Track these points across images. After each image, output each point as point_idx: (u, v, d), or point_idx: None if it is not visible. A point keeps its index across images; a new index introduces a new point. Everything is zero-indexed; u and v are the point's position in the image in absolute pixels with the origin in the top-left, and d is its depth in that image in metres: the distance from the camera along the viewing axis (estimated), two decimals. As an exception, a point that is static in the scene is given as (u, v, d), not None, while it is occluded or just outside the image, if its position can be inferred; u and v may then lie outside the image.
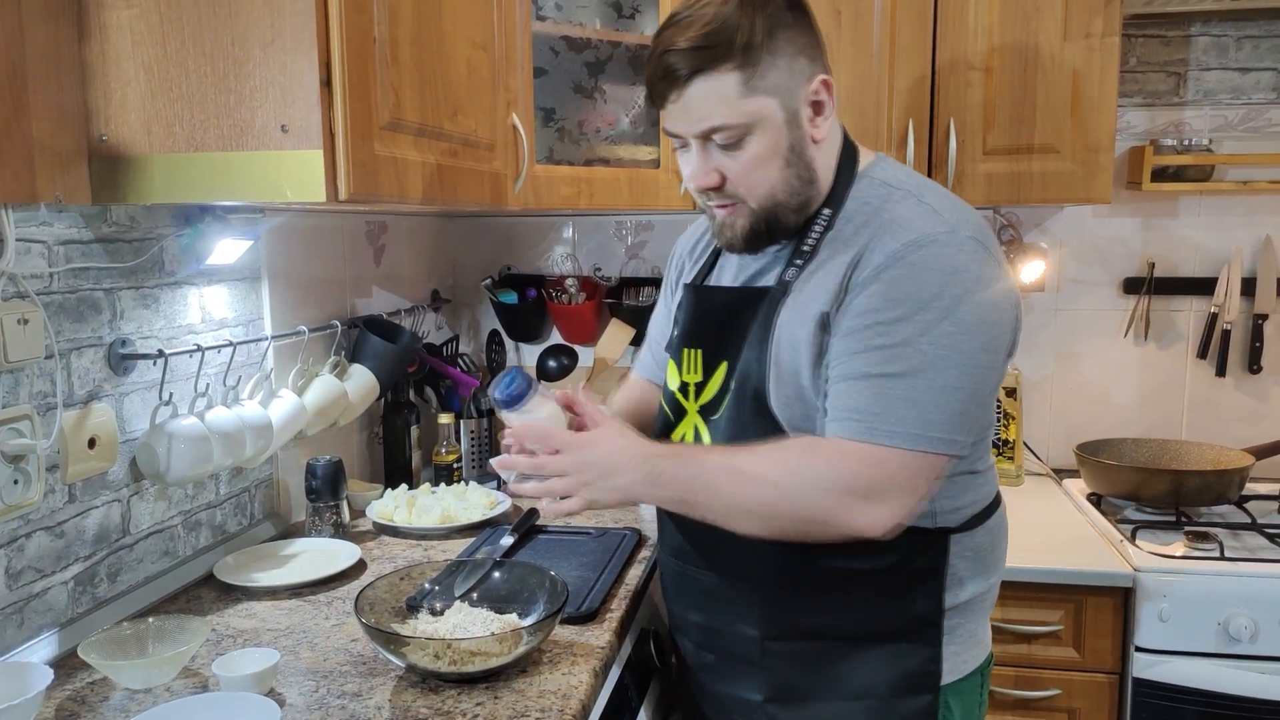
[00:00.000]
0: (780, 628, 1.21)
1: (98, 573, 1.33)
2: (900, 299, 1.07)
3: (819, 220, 1.17)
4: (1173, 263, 2.24)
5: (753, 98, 1.10)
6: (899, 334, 1.06)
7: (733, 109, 1.10)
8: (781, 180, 1.15)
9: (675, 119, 1.15)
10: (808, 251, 1.17)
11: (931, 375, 1.06)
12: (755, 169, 1.13)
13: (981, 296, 1.08)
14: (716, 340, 1.23)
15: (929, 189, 1.17)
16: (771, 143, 1.13)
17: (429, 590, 1.31)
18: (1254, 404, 2.24)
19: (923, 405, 1.06)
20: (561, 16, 1.91)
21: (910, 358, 1.06)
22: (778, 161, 1.14)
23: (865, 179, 1.19)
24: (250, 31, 1.14)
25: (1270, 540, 1.81)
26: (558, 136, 1.95)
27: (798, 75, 1.12)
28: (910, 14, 1.90)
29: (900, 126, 1.92)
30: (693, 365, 1.26)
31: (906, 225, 1.10)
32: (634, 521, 1.78)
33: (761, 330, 1.17)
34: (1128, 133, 2.20)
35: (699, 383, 1.25)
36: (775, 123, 1.12)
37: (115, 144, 1.18)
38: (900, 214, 1.13)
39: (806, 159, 1.15)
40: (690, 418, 1.26)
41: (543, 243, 2.47)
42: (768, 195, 1.15)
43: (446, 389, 2.21)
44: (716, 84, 1.10)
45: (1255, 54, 2.16)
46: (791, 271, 1.17)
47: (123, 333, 1.35)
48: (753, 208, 1.16)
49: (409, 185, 1.30)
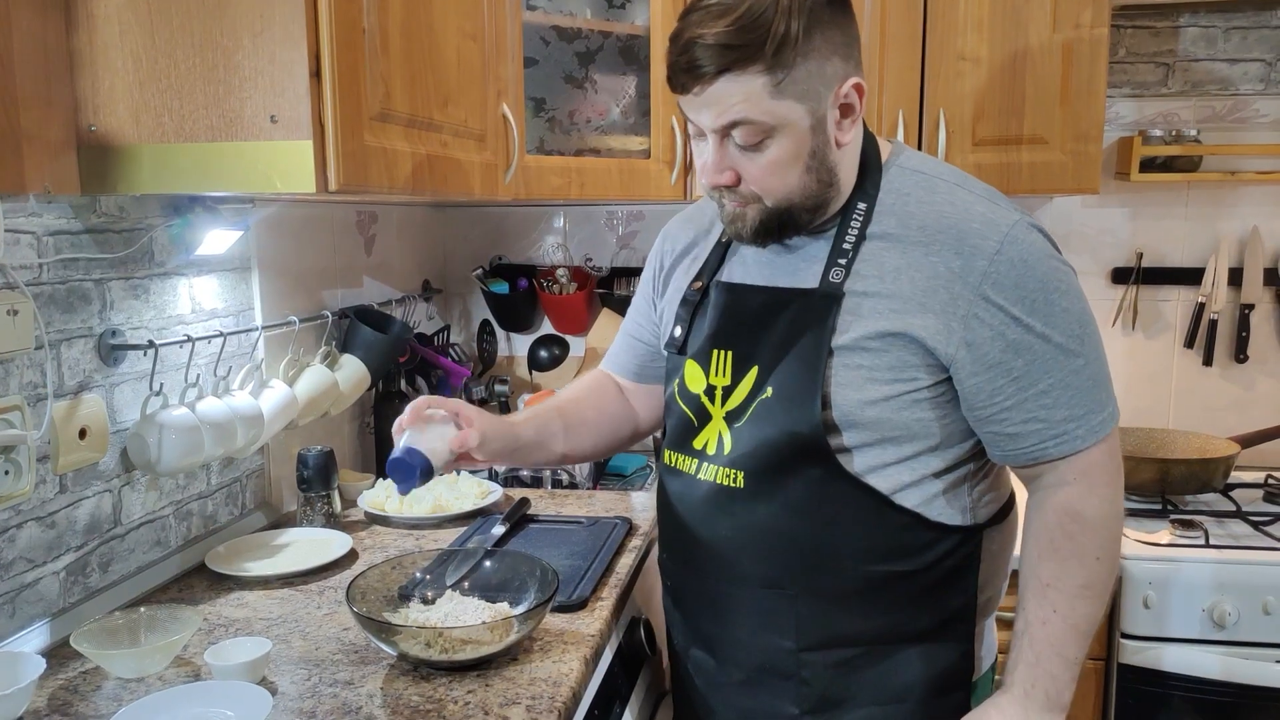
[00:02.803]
0: (817, 637, 1.16)
1: (89, 563, 1.33)
2: (1030, 302, 1.07)
3: (855, 214, 1.13)
4: (1161, 253, 2.26)
5: (780, 101, 1.04)
6: (1053, 333, 1.08)
7: (757, 108, 1.04)
8: (799, 184, 1.10)
9: (695, 110, 1.08)
10: (849, 252, 1.12)
11: (1088, 354, 1.10)
12: (773, 173, 1.08)
13: (1068, 268, 1.13)
14: (750, 343, 1.17)
15: (966, 177, 1.16)
16: (794, 147, 1.07)
17: (420, 579, 1.32)
18: (1240, 393, 2.26)
19: (1101, 383, 1.11)
20: (552, 6, 1.90)
21: (1071, 349, 1.08)
22: (798, 166, 1.09)
23: (894, 168, 1.16)
24: (239, 22, 1.13)
25: (1254, 528, 1.83)
26: (548, 126, 1.94)
27: (829, 78, 1.06)
28: (900, 4, 1.90)
29: (891, 116, 1.93)
30: (722, 368, 1.19)
31: (982, 227, 1.09)
32: (625, 511, 1.79)
33: (813, 338, 1.11)
34: (1116, 123, 2.21)
35: (726, 386, 1.19)
36: (800, 128, 1.06)
37: (104, 134, 1.18)
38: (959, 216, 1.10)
39: (829, 164, 1.10)
40: (715, 423, 1.19)
41: (534, 233, 2.47)
42: (784, 198, 1.10)
43: (438, 379, 2.21)
44: (743, 84, 1.03)
45: (1243, 45, 2.17)
46: (836, 272, 1.12)
47: (113, 323, 1.35)
48: (767, 205, 1.11)
49: (399, 176, 1.30)
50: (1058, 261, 1.10)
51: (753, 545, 1.16)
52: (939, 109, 1.91)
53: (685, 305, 1.27)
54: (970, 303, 1.07)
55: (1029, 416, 1.09)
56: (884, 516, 1.13)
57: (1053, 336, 1.07)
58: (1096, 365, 1.11)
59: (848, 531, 1.13)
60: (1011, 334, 1.07)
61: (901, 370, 1.09)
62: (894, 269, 1.10)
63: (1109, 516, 1.12)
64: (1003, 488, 1.23)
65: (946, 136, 1.91)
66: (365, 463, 2.09)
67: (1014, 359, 1.08)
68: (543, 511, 1.78)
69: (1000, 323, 1.07)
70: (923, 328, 1.08)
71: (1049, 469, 1.12)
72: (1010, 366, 1.08)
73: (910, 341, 1.08)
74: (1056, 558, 1.12)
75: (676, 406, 1.25)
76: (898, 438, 1.11)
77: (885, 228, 1.12)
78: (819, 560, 1.14)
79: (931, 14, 1.90)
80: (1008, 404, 1.09)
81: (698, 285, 1.27)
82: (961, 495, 1.16)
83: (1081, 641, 1.13)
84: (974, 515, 1.17)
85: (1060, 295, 1.08)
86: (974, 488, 1.17)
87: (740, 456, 1.16)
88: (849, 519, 1.13)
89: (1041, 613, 1.12)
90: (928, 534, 1.14)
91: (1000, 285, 1.07)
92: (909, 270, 1.10)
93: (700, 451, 1.20)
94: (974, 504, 1.17)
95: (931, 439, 1.13)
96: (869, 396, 1.10)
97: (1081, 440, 1.09)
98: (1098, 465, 1.11)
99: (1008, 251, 1.07)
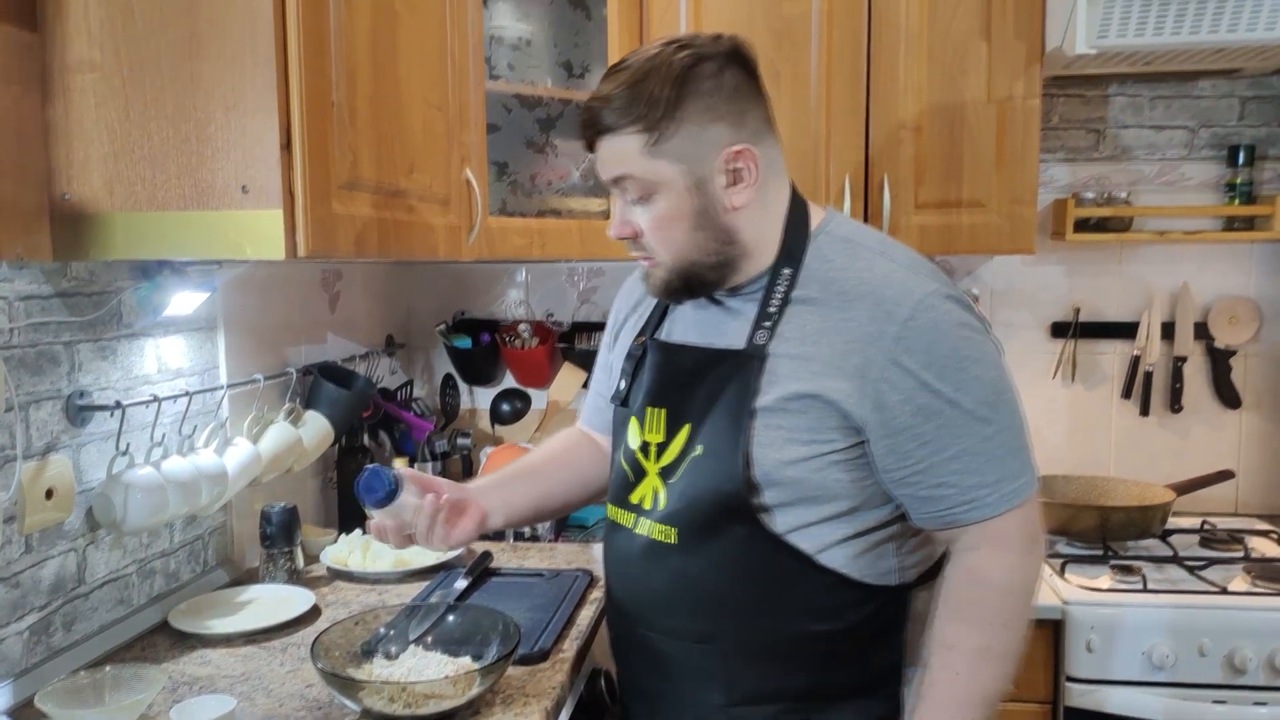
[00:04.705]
0: (746, 693, 1.19)
1: (53, 622, 1.34)
2: (940, 368, 1.10)
3: (781, 279, 1.18)
4: (1097, 308, 2.36)
5: (657, 160, 1.12)
6: (963, 399, 1.10)
7: (637, 165, 1.14)
8: (690, 242, 1.16)
9: (598, 165, 1.19)
10: (774, 315, 1.17)
11: (1001, 422, 1.13)
12: (660, 228, 1.16)
13: (985, 339, 1.16)
14: (682, 401, 1.22)
15: (891, 245, 1.22)
16: (676, 205, 1.14)
17: (384, 634, 1.34)
18: (1176, 441, 2.36)
19: (1015, 451, 1.14)
20: (514, 76, 1.98)
21: (982, 415, 1.11)
22: (683, 224, 1.15)
23: (823, 234, 1.20)
24: (213, 95, 1.18)
25: (1190, 573, 1.91)
26: (510, 190, 2.01)
27: (711, 142, 1.13)
28: (845, 75, 2.00)
29: (838, 181, 2.02)
30: (656, 425, 1.24)
31: (898, 293, 1.12)
32: (586, 563, 1.82)
33: (737, 397, 1.16)
34: (1051, 186, 2.33)
35: (661, 443, 1.23)
36: (678, 187, 1.13)
37: (77, 202, 1.21)
38: (877, 282, 1.14)
39: (722, 225, 1.16)
40: (650, 479, 1.23)
41: (496, 288, 2.52)
42: (678, 254, 1.17)
43: (400, 433, 2.24)
44: (623, 142, 1.13)
45: (1168, 113, 2.31)
46: (761, 334, 1.17)
47: (81, 384, 1.37)
48: (667, 264, 1.18)
49: (366, 240, 1.35)
50: (971, 331, 1.14)
51: (685, 600, 1.19)
52: (883, 174, 2.00)
53: (629, 359, 1.32)
54: (882, 367, 1.10)
55: (940, 481, 1.12)
56: (808, 576, 1.16)
57: (963, 403, 1.10)
58: (1011, 434, 1.13)
59: (773, 590, 1.16)
60: (921, 399, 1.10)
61: (819, 432, 1.13)
62: (815, 332, 1.15)
63: (1016, 584, 1.14)
64: (936, 547, 1.24)
65: (891, 199, 2.00)
66: (328, 518, 2.11)
67: (923, 424, 1.10)
68: (505, 564, 1.81)
69: (910, 387, 1.10)
70: (837, 390, 1.12)
71: (960, 533, 1.15)
72: (920, 431, 1.11)
73: (826, 404, 1.12)
74: (959, 618, 1.14)
75: (617, 461, 1.30)
76: (817, 498, 1.15)
77: (809, 292, 1.17)
78: (746, 617, 1.17)
79: (874, 84, 2.00)
80: (919, 468, 1.12)
81: (640, 340, 1.32)
82: (887, 556, 1.19)
83: (981, 707, 1.13)
84: (901, 576, 1.20)
85: (972, 363, 1.11)
86: (900, 548, 1.20)
87: (673, 513, 1.19)
88: (774, 578, 1.16)
89: (944, 674, 1.14)
90: (852, 593, 1.17)
91: (911, 350, 1.10)
92: (828, 334, 1.14)
93: (637, 506, 1.24)
94: (901, 565, 1.20)
95: (850, 500, 1.16)
96: (788, 456, 1.13)
97: (992, 507, 1.12)
98: (1008, 532, 1.13)
99: (920, 318, 1.10)
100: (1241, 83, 2.27)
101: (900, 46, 1.99)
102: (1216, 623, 1.76)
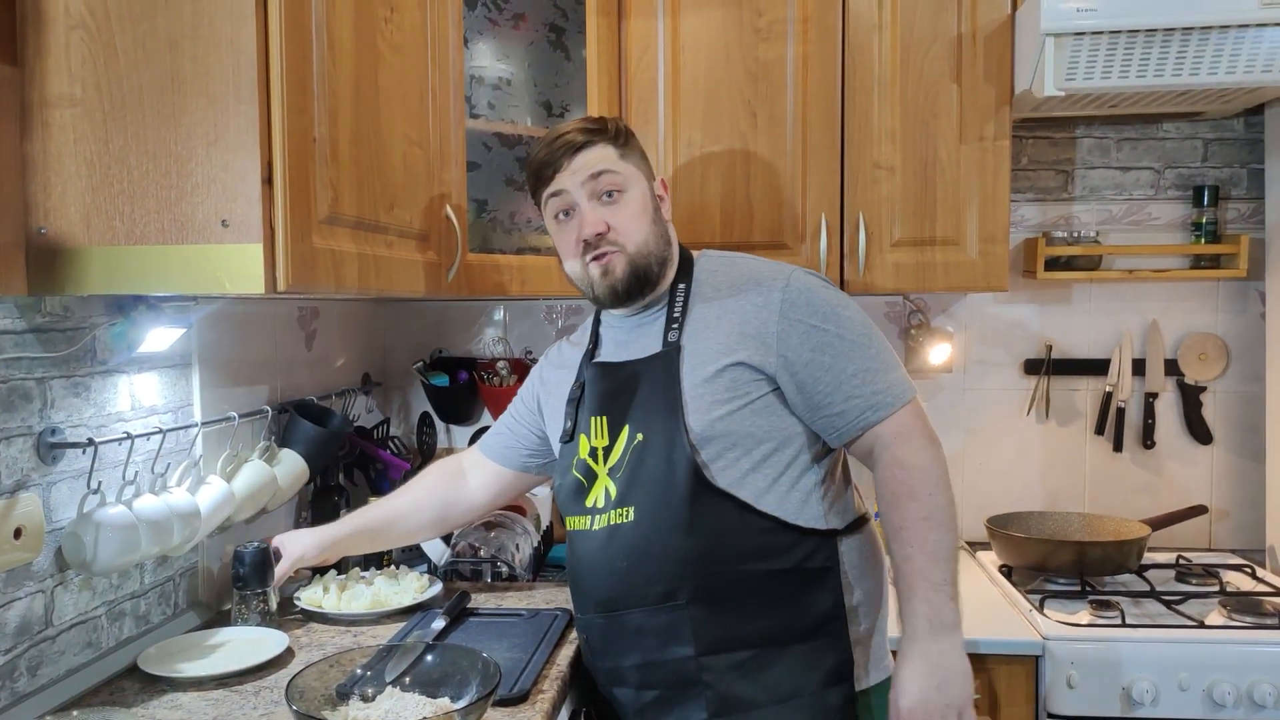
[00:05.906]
0: (711, 641, 1.38)
1: (18, 666, 1.30)
2: (821, 314, 1.42)
3: (678, 293, 1.50)
4: (1069, 345, 2.40)
5: (626, 163, 1.48)
6: (845, 333, 1.41)
7: (614, 164, 1.47)
8: (651, 234, 1.48)
9: (566, 180, 1.46)
10: (679, 317, 1.47)
11: (878, 345, 1.44)
12: (633, 219, 1.46)
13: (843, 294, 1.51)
14: (619, 407, 1.47)
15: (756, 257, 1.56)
16: (642, 199, 1.49)
17: (360, 676, 1.32)
18: (1149, 477, 2.38)
19: (894, 364, 1.44)
20: (494, 114, 2.00)
21: (862, 342, 1.42)
22: (648, 217, 1.48)
23: (704, 258, 1.55)
24: (194, 131, 1.18)
25: (1167, 607, 1.92)
26: (490, 226, 2.02)
27: (648, 170, 1.54)
28: (820, 117, 2.04)
29: (814, 218, 2.04)
30: (600, 431, 1.48)
31: (771, 274, 1.46)
32: (564, 602, 1.80)
33: (665, 386, 1.43)
34: (1022, 225, 2.37)
35: (606, 446, 1.47)
36: (643, 185, 1.50)
37: (54, 236, 1.21)
38: (753, 272, 1.48)
39: (664, 224, 1.52)
40: (601, 480, 1.47)
41: (474, 326, 2.52)
42: (643, 243, 1.46)
43: (377, 472, 2.22)
44: (600, 151, 1.47)
45: (1134, 154, 2.36)
46: (673, 334, 1.46)
47: (52, 421, 1.35)
48: (630, 253, 1.46)
49: (345, 276, 1.35)
50: (833, 290, 1.48)
51: (647, 567, 1.39)
52: (859, 213, 2.03)
53: (570, 404, 1.55)
54: (778, 323, 1.41)
55: (848, 395, 1.40)
56: (748, 522, 1.38)
57: (845, 334, 1.42)
58: (887, 352, 1.45)
59: (722, 539, 1.37)
60: (814, 339, 1.41)
61: (738, 388, 1.40)
62: (715, 318, 1.45)
63: (929, 460, 1.40)
64: (849, 503, 1.50)
65: (866, 238, 2.03)
66: (302, 558, 2.07)
67: (821, 355, 1.40)
68: (483, 605, 1.79)
69: (803, 331, 1.41)
70: (745, 353, 1.41)
71: (874, 439, 1.41)
72: (820, 360, 1.40)
73: (740, 365, 1.41)
74: (896, 504, 1.39)
75: (570, 476, 1.50)
76: (744, 444, 1.39)
77: (703, 295, 1.49)
78: (703, 568, 1.37)
79: (849, 126, 2.04)
80: (828, 390, 1.40)
81: (578, 384, 1.55)
82: (812, 504, 1.42)
83: (942, 565, 1.36)
84: (828, 522, 1.43)
85: (842, 308, 1.45)
86: (823, 499, 1.44)
87: (626, 493, 1.42)
88: (722, 527, 1.37)
89: (902, 553, 1.37)
90: (788, 536, 1.39)
91: (795, 306, 1.42)
92: (727, 316, 1.45)
93: (592, 508, 1.46)
94: (826, 512, 1.43)
95: (772, 441, 1.41)
96: (716, 414, 1.39)
97: (891, 405, 1.40)
98: (911, 424, 1.41)
99: (794, 284, 1.44)
100: (1204, 125, 2.34)
101: (874, 89, 2.03)
102: (1195, 657, 1.76)
